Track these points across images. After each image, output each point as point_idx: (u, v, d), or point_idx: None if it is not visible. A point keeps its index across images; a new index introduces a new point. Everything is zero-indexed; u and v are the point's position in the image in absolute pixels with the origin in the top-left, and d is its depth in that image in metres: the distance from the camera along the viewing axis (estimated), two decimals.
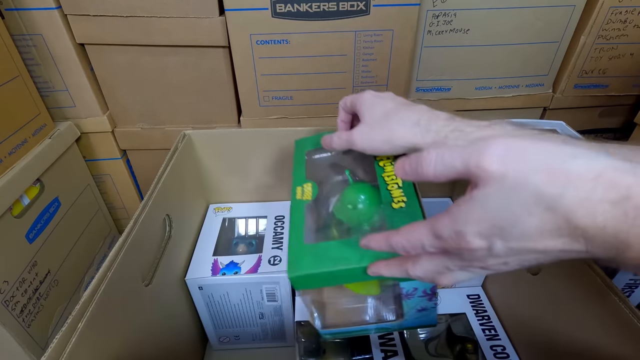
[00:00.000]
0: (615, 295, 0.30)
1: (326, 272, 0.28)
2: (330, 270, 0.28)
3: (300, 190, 0.36)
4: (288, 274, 0.29)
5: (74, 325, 0.28)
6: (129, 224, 0.36)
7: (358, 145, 0.33)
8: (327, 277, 0.29)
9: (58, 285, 0.55)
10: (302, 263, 0.29)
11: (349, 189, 0.35)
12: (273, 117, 0.63)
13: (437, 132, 0.28)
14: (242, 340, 0.57)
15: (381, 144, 0.32)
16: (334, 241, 0.30)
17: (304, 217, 0.33)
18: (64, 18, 0.53)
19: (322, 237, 0.33)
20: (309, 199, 0.35)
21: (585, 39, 0.61)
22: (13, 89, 0.50)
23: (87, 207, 0.65)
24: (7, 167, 0.48)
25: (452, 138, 0.27)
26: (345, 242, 0.29)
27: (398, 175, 0.24)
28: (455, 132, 0.27)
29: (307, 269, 0.28)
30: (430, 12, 0.57)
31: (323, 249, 0.29)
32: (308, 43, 0.55)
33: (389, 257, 0.26)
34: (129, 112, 0.63)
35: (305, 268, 0.28)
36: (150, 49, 0.56)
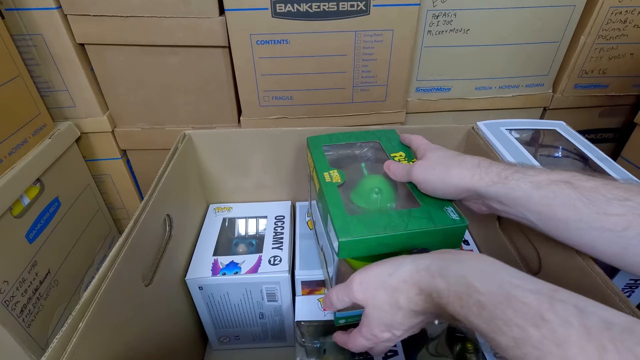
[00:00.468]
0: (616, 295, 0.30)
1: (375, 237, 0.31)
2: (379, 236, 0.31)
3: (328, 175, 0.38)
4: (338, 238, 0.31)
5: (74, 325, 0.28)
6: (129, 224, 0.36)
7: (416, 176, 0.34)
8: (374, 244, 0.32)
9: (58, 285, 0.55)
10: (352, 229, 0.31)
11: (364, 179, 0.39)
12: (273, 117, 0.63)
13: (498, 174, 0.31)
14: (242, 340, 0.57)
15: (437, 181, 0.33)
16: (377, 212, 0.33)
17: (340, 195, 0.35)
18: (64, 18, 0.53)
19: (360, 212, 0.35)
20: (338, 181, 0.38)
21: (585, 39, 0.61)
22: (13, 89, 0.49)
23: (87, 207, 0.65)
24: (7, 167, 0.48)
25: (514, 179, 0.30)
26: (386, 212, 0.33)
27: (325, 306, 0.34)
28: (517, 174, 0.30)
29: (358, 234, 0.31)
30: (430, 12, 0.57)
31: (369, 218, 0.32)
32: (308, 43, 0.55)
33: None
34: (129, 112, 0.63)
35: (356, 233, 0.31)
36: (150, 49, 0.56)
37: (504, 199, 0.30)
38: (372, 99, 0.62)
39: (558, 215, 0.28)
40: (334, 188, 0.37)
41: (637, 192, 0.26)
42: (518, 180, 0.30)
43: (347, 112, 0.63)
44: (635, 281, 0.48)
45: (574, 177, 0.28)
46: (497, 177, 0.30)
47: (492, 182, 0.30)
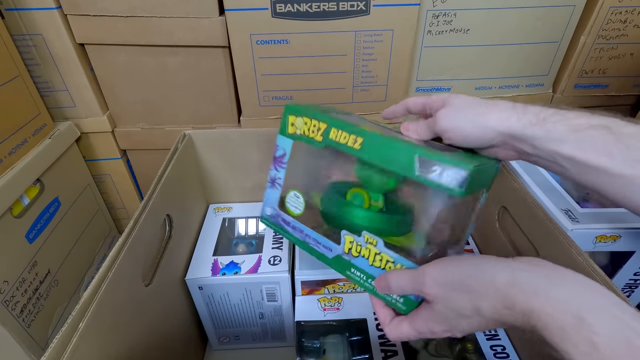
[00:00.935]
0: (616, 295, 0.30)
1: (487, 163, 0.30)
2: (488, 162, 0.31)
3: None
4: (464, 169, 0.27)
5: (74, 325, 0.28)
6: (129, 224, 0.36)
7: (442, 124, 0.31)
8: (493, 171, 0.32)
9: (58, 285, 0.55)
10: (460, 161, 0.28)
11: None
12: (273, 117, 0.63)
13: (536, 115, 0.29)
14: (242, 340, 0.57)
15: (469, 126, 0.30)
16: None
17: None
18: (64, 18, 0.53)
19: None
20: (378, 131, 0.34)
21: (585, 39, 0.61)
22: (13, 89, 0.49)
23: (87, 207, 0.65)
24: (7, 167, 0.48)
25: (552, 121, 0.28)
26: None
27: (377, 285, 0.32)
28: (556, 116, 0.28)
29: (473, 162, 0.28)
30: (430, 12, 0.57)
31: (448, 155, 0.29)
32: (308, 43, 0.55)
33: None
34: (129, 112, 0.63)
35: (470, 162, 0.28)
36: (150, 49, 0.56)
37: (538, 142, 0.28)
38: (372, 99, 0.62)
39: (591, 161, 0.27)
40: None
41: None
42: (556, 122, 0.28)
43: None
44: (635, 281, 0.48)
45: (614, 122, 0.27)
46: (535, 118, 0.28)
47: (530, 123, 0.28)
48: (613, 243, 0.43)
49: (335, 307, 0.49)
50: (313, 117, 0.35)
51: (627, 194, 0.27)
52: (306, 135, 0.35)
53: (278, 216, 0.39)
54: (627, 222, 0.43)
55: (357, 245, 0.33)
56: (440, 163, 0.28)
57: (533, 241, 0.42)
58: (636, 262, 0.45)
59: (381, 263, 0.32)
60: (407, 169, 0.29)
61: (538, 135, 0.28)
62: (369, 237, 0.32)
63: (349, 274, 0.34)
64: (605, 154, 0.26)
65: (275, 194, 0.38)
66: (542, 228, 0.39)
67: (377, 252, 0.32)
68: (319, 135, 0.34)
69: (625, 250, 0.45)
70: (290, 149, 0.37)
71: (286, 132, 0.37)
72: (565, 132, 0.27)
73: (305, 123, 0.35)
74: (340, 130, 0.33)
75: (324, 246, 0.35)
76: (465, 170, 0.27)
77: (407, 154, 0.29)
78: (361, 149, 0.32)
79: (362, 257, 0.33)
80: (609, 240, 0.43)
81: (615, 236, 0.43)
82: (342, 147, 0.33)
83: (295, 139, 0.36)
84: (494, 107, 0.30)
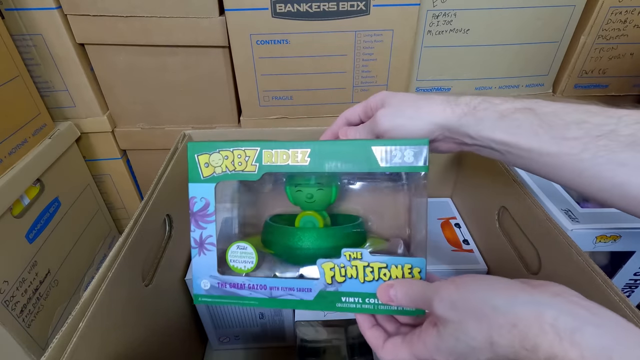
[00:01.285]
0: (616, 295, 0.30)
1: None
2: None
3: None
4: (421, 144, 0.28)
5: (74, 325, 0.28)
6: (129, 224, 0.36)
7: (382, 125, 0.31)
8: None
9: (58, 285, 0.55)
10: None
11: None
12: (273, 117, 0.63)
13: (467, 104, 0.30)
14: (242, 340, 0.57)
15: (410, 122, 0.30)
16: None
17: None
18: (64, 18, 0.53)
19: None
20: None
21: (585, 39, 0.61)
22: (13, 89, 0.49)
23: (87, 207, 0.65)
24: (7, 167, 0.48)
25: (482, 108, 0.29)
26: None
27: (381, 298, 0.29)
28: (484, 103, 0.29)
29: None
30: (430, 12, 0.57)
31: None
32: (308, 43, 0.55)
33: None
34: (129, 112, 0.63)
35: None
36: (150, 49, 0.56)
37: (473, 131, 0.29)
38: None
39: (522, 144, 0.28)
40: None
41: (595, 113, 0.26)
42: (485, 109, 0.29)
43: None
44: (635, 281, 0.48)
45: (536, 103, 0.28)
46: (466, 107, 0.30)
47: (463, 113, 0.29)
48: (613, 243, 0.43)
49: None
50: (235, 147, 0.30)
51: (557, 171, 0.28)
52: (232, 171, 0.30)
53: (223, 284, 0.31)
54: (627, 222, 0.43)
55: (340, 268, 0.30)
56: (397, 147, 0.28)
57: (533, 241, 0.42)
58: (636, 262, 0.45)
59: (374, 275, 0.29)
60: (369, 164, 0.29)
61: (471, 123, 0.29)
62: (350, 253, 0.29)
63: (341, 306, 0.30)
64: (532, 135, 0.27)
65: (209, 258, 0.31)
66: (542, 228, 0.39)
67: (366, 264, 0.29)
68: (249, 165, 0.30)
69: (625, 250, 0.45)
70: (214, 195, 0.30)
71: (200, 176, 0.30)
72: (494, 118, 0.29)
73: (225, 157, 0.30)
74: (276, 151, 0.29)
75: (299, 290, 0.30)
76: (424, 144, 0.28)
77: (363, 149, 0.29)
78: (310, 163, 0.29)
79: (351, 279, 0.30)
80: (609, 240, 0.43)
81: (615, 236, 0.43)
82: (284, 169, 0.29)
83: (216, 181, 0.30)
84: (430, 100, 0.31)
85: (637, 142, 0.24)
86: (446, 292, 0.24)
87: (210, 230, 0.31)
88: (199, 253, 0.31)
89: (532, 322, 0.20)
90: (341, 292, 0.30)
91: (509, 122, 0.28)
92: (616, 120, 0.26)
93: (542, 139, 0.27)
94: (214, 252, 0.31)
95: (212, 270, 0.31)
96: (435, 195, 0.67)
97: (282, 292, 0.31)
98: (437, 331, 0.24)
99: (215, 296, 0.31)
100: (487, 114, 0.29)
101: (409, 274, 0.29)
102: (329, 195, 0.34)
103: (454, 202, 0.65)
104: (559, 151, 0.27)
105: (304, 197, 0.34)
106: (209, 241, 0.31)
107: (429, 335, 0.25)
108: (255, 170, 0.29)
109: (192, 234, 0.31)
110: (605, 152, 0.25)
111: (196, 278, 0.31)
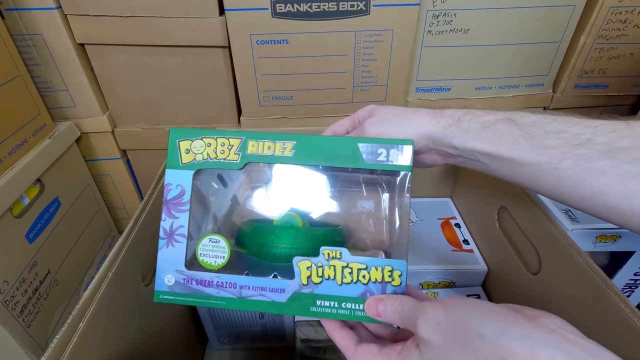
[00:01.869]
0: (616, 295, 0.30)
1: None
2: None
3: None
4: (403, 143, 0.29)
5: (74, 325, 0.28)
6: (129, 224, 0.36)
7: (369, 132, 0.32)
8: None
9: (58, 285, 0.55)
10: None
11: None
12: (273, 117, 0.63)
13: (451, 116, 0.31)
14: (242, 340, 0.57)
15: (396, 132, 0.31)
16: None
17: None
18: (64, 18, 0.53)
19: None
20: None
21: (585, 39, 0.61)
22: (13, 89, 0.49)
23: (87, 207, 0.65)
24: (7, 167, 0.48)
25: (465, 120, 0.30)
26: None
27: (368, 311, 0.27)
28: (467, 115, 0.30)
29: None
30: (430, 12, 0.57)
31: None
32: (308, 43, 0.55)
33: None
34: (129, 112, 0.63)
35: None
36: (150, 49, 0.56)
37: (458, 142, 0.30)
38: (372, 99, 0.62)
39: (504, 154, 0.28)
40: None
41: (573, 123, 0.27)
42: (469, 121, 0.30)
43: (347, 112, 0.62)
44: (635, 281, 0.48)
45: (517, 115, 0.29)
46: (451, 118, 0.31)
47: (448, 124, 0.30)
48: (613, 243, 0.43)
49: None
50: (219, 135, 0.29)
51: (538, 181, 0.28)
52: (213, 159, 0.29)
53: (189, 280, 0.29)
54: None
55: (318, 268, 0.28)
56: (382, 145, 0.29)
57: (533, 241, 0.42)
58: (636, 262, 0.45)
59: (352, 276, 0.28)
60: (354, 160, 0.29)
61: (456, 134, 0.30)
62: (329, 251, 0.28)
63: (315, 310, 0.28)
64: (514, 146, 0.28)
65: (178, 251, 0.29)
66: (542, 228, 0.39)
67: (345, 264, 0.28)
68: (232, 154, 0.29)
69: (625, 250, 0.45)
70: (191, 183, 0.29)
71: (178, 163, 0.30)
72: (477, 129, 0.29)
73: (208, 145, 0.29)
74: (262, 141, 0.29)
75: (271, 290, 0.29)
76: (409, 144, 0.28)
77: (349, 145, 0.29)
78: (294, 155, 0.29)
79: (328, 280, 0.28)
80: (609, 240, 0.43)
81: (615, 236, 0.43)
82: (268, 159, 0.29)
83: (195, 168, 0.29)
84: (416, 113, 0.32)
85: (613, 151, 0.25)
86: (432, 313, 0.22)
87: (182, 221, 0.29)
88: (167, 244, 0.29)
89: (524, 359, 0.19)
90: (316, 295, 0.28)
91: (491, 132, 0.29)
92: (592, 130, 0.26)
93: (523, 148, 0.28)
94: (183, 244, 0.29)
95: (179, 265, 0.29)
96: (435, 195, 0.67)
97: (252, 292, 0.29)
98: (418, 353, 0.23)
99: (179, 294, 0.29)
100: (470, 125, 0.30)
101: (389, 277, 0.28)
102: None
103: (454, 202, 0.65)
104: (540, 160, 0.27)
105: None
106: (179, 232, 0.29)
107: (410, 356, 0.23)
108: (238, 159, 0.29)
109: (162, 223, 0.29)
110: (583, 161, 0.26)
111: (160, 272, 0.29)
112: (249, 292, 0.29)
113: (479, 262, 0.53)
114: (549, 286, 0.39)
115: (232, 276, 0.29)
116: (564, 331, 0.20)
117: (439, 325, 0.22)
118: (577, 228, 0.42)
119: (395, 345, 0.25)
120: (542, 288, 0.40)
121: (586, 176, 0.26)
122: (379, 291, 0.28)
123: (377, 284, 0.28)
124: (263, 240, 0.31)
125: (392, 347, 0.25)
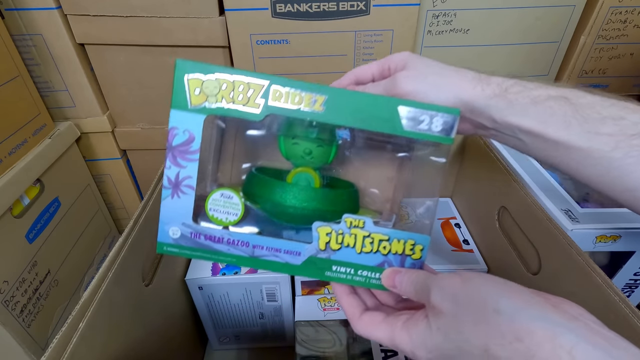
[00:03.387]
0: (615, 295, 0.30)
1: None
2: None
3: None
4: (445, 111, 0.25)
5: (74, 325, 0.28)
6: (129, 224, 0.36)
7: (402, 87, 0.28)
8: None
9: (58, 285, 0.55)
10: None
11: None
12: None
13: (499, 85, 0.27)
14: (242, 340, 0.57)
15: (433, 91, 0.27)
16: None
17: None
18: (64, 18, 0.53)
19: None
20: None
21: (585, 39, 0.61)
22: (13, 89, 0.49)
23: (87, 207, 0.65)
24: (7, 167, 0.48)
25: (513, 92, 0.27)
26: None
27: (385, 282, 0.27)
28: (517, 86, 0.27)
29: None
30: (430, 12, 0.57)
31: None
32: (308, 43, 0.55)
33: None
34: (129, 112, 0.63)
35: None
36: (150, 49, 0.56)
37: (499, 115, 0.27)
38: None
39: (550, 134, 0.26)
40: None
41: (633, 110, 0.25)
42: (517, 93, 0.27)
43: None
44: (635, 281, 0.48)
45: (572, 92, 0.26)
46: (497, 88, 0.27)
47: (493, 94, 0.27)
48: (613, 243, 0.43)
49: (336, 307, 0.49)
50: (237, 74, 0.25)
51: (581, 167, 0.26)
52: (228, 104, 0.25)
53: (197, 235, 0.27)
54: (627, 222, 0.43)
55: (338, 235, 0.27)
56: (426, 111, 0.25)
57: (533, 241, 0.42)
58: (636, 262, 0.45)
59: (372, 246, 0.27)
60: (391, 124, 0.25)
61: (500, 106, 0.27)
62: (352, 220, 0.27)
63: (330, 275, 0.28)
64: (563, 127, 0.26)
65: (185, 203, 0.26)
66: (542, 228, 0.39)
67: (367, 234, 0.27)
68: (252, 101, 0.25)
69: (625, 250, 0.45)
70: (201, 129, 0.26)
71: (187, 104, 0.26)
72: (526, 104, 0.27)
73: (223, 86, 0.25)
74: (288, 90, 0.25)
75: (286, 252, 0.27)
76: (454, 114, 0.25)
77: (389, 106, 0.25)
78: (325, 111, 0.25)
79: (347, 247, 0.27)
80: (609, 240, 0.43)
81: (615, 236, 0.43)
82: (294, 113, 0.25)
83: (207, 113, 0.26)
84: (459, 74, 0.28)
85: None
86: (448, 282, 0.22)
87: (190, 171, 0.26)
88: (172, 195, 0.26)
89: (544, 343, 0.17)
90: (333, 261, 0.27)
91: (541, 109, 0.26)
92: None
93: (573, 131, 0.25)
94: (191, 196, 0.26)
95: (186, 218, 0.27)
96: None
97: (266, 252, 0.27)
98: (426, 323, 0.22)
99: (185, 247, 0.27)
100: (518, 97, 0.27)
101: (410, 250, 0.27)
102: (327, 155, 0.31)
103: (454, 202, 0.65)
104: (590, 146, 0.25)
105: (300, 152, 0.30)
106: (186, 183, 0.26)
107: (417, 326, 0.22)
108: (259, 109, 0.25)
109: (166, 171, 0.26)
110: (637, 152, 0.24)
111: (164, 224, 0.27)
112: (262, 251, 0.27)
113: (479, 262, 0.53)
114: (549, 286, 0.39)
115: (245, 234, 0.27)
116: (587, 320, 0.19)
117: (454, 295, 0.21)
118: (577, 228, 0.42)
119: (400, 314, 0.25)
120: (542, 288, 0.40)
121: (636, 169, 0.24)
122: (398, 263, 0.27)
123: (397, 255, 0.27)
124: (278, 199, 0.29)
125: (396, 316, 0.25)
